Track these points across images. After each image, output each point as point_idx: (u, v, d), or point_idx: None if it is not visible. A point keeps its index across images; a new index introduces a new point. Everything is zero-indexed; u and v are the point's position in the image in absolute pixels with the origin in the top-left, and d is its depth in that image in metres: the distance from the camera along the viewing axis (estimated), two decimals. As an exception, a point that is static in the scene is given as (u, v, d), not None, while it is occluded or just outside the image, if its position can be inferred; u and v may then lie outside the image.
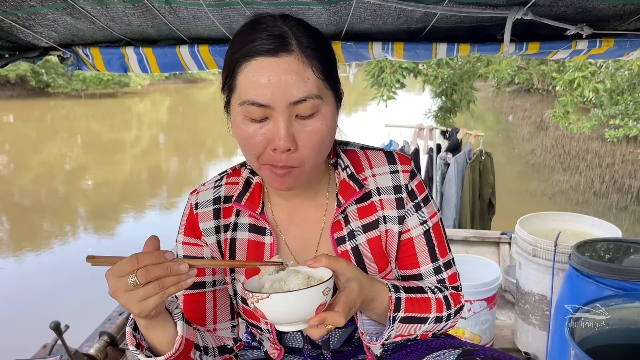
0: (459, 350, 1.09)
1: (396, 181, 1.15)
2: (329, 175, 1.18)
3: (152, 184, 11.18)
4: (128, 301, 0.84)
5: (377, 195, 1.14)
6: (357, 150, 1.20)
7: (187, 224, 1.16)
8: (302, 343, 1.19)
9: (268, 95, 0.91)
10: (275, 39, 0.92)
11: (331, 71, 1.00)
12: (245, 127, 0.96)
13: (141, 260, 0.82)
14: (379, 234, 1.14)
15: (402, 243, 1.17)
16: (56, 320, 2.09)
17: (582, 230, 2.73)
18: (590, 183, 8.88)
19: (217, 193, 1.16)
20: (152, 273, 0.82)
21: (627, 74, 6.71)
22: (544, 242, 2.45)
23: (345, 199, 1.11)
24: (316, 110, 0.95)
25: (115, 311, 2.66)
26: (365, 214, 1.14)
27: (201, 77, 35.25)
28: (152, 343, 0.95)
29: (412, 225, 1.16)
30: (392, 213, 1.14)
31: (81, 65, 2.03)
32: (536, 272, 2.53)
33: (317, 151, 0.98)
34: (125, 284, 0.83)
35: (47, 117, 20.73)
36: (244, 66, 0.93)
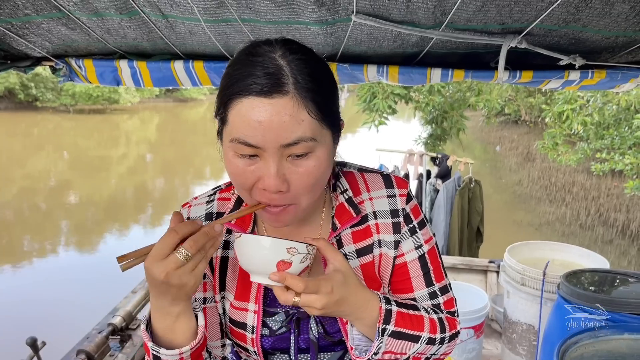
0: None
1: (393, 205, 1.12)
2: (324, 197, 1.14)
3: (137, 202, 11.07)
4: (183, 276, 0.85)
5: (374, 219, 1.11)
6: (355, 172, 1.17)
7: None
8: None
9: (258, 137, 0.87)
10: (270, 79, 0.87)
11: (329, 109, 0.94)
12: (235, 162, 0.92)
13: (180, 230, 0.85)
14: (372, 258, 1.11)
15: (395, 267, 1.13)
16: (33, 337, 2.03)
17: (570, 261, 2.73)
18: (576, 215, 8.96)
19: (209, 208, 1.13)
20: (199, 242, 0.85)
21: (614, 108, 6.84)
22: (533, 271, 2.44)
23: (342, 224, 1.08)
24: (310, 151, 0.91)
25: (94, 329, 2.59)
26: (359, 238, 1.11)
27: (191, 97, 35.33)
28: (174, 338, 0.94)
29: (406, 250, 1.13)
30: (388, 237, 1.11)
31: (73, 76, 2.01)
32: (524, 301, 2.52)
33: (310, 191, 0.95)
34: (175, 260, 0.84)
35: (34, 132, 20.55)
36: (236, 102, 0.88)
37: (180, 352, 0.92)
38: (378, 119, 6.29)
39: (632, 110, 6.92)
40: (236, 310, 1.10)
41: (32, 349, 2.01)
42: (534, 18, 1.41)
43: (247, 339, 1.09)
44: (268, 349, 1.11)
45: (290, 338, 1.10)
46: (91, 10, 1.48)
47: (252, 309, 1.09)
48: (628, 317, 1.99)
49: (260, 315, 1.08)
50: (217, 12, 1.46)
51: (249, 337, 1.09)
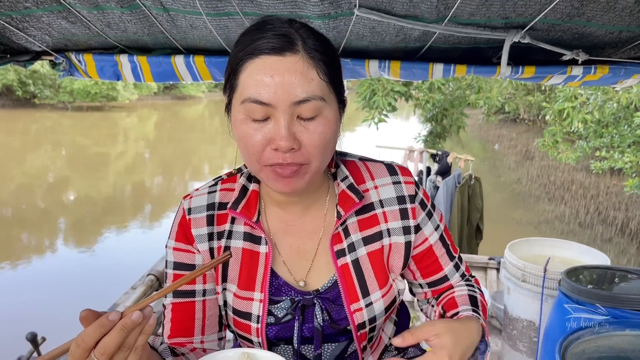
0: None
1: (399, 192, 1.14)
2: (327, 186, 1.15)
3: (135, 200, 11.05)
4: None
5: (380, 208, 1.13)
6: (357, 161, 1.19)
7: (179, 229, 1.12)
8: (293, 357, 1.15)
9: (270, 94, 0.89)
10: (281, 39, 0.91)
11: (336, 75, 0.98)
12: (245, 126, 0.93)
13: (88, 337, 0.74)
14: (380, 246, 1.12)
15: (422, 253, 1.17)
16: (33, 332, 2.02)
17: (571, 257, 2.72)
18: (575, 214, 8.96)
19: (211, 199, 1.13)
20: (109, 346, 0.75)
21: (615, 106, 6.83)
22: (534, 268, 2.43)
23: (345, 210, 1.09)
24: (318, 113, 0.93)
25: (94, 325, 2.58)
26: (366, 226, 1.12)
27: (190, 94, 35.29)
28: None
29: (428, 234, 1.17)
30: (396, 224, 1.13)
31: (73, 71, 2.00)
32: (525, 297, 2.51)
33: (321, 152, 0.96)
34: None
35: (32, 129, 20.50)
36: (247, 64, 0.91)
37: None
38: (378, 116, 6.29)
39: (632, 108, 6.91)
40: (240, 300, 1.09)
41: (32, 344, 2.00)
42: (537, 12, 1.41)
43: (251, 329, 1.09)
44: (272, 339, 1.10)
45: (295, 325, 1.09)
46: (92, 4, 1.47)
47: (257, 298, 1.08)
48: (629, 314, 1.99)
49: (266, 304, 1.08)
50: (218, 5, 1.45)
51: (254, 327, 1.08)
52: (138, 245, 7.59)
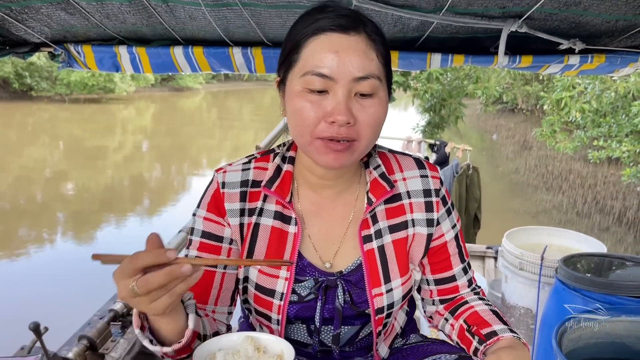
0: (455, 356, 1.09)
1: (426, 185, 1.18)
2: (359, 173, 1.19)
3: (133, 192, 11.05)
4: (138, 305, 0.81)
5: (407, 199, 1.17)
6: (387, 152, 1.23)
7: (212, 201, 1.14)
8: (307, 337, 1.17)
9: (333, 68, 0.94)
10: (346, 19, 0.97)
11: (388, 62, 1.04)
12: (302, 98, 0.97)
13: (140, 260, 0.78)
14: (405, 235, 1.15)
15: (436, 247, 1.21)
16: (36, 322, 2.03)
17: (568, 245, 2.75)
18: (572, 203, 9.00)
19: (245, 176, 1.15)
20: (151, 284, 0.77)
21: (612, 95, 6.85)
22: (531, 256, 2.46)
23: (376, 197, 1.12)
24: (375, 92, 0.98)
25: (95, 315, 2.60)
26: (393, 215, 1.15)
27: (187, 86, 35.17)
28: (158, 331, 0.92)
29: (445, 230, 1.20)
30: (420, 216, 1.17)
31: (72, 62, 2.00)
32: (522, 285, 2.54)
33: (373, 131, 1.01)
34: (129, 289, 0.79)
35: (29, 121, 20.44)
36: (311, 40, 0.97)
37: (163, 351, 0.91)
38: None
39: (629, 97, 6.92)
40: (266, 276, 1.11)
41: (35, 334, 2.01)
42: (534, 2, 1.41)
43: (273, 306, 1.10)
44: (292, 317, 1.13)
45: (317, 305, 1.11)
46: (91, -6, 1.47)
47: (283, 276, 1.10)
48: (625, 300, 2.01)
49: (291, 282, 1.10)
50: (218, -5, 1.46)
51: (276, 304, 1.10)
52: (138, 236, 7.61)
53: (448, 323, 1.23)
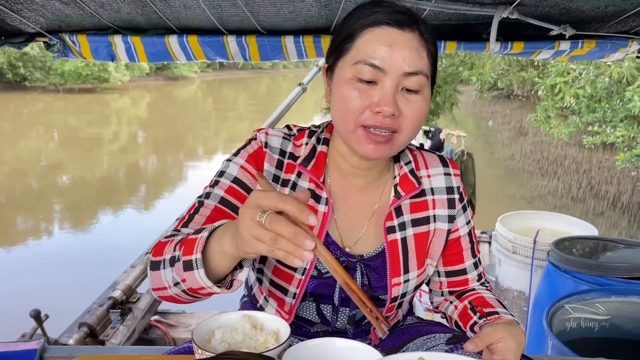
0: (449, 335, 1.13)
1: (449, 183, 1.23)
2: (389, 167, 1.22)
3: (130, 182, 11.04)
4: (245, 228, 0.77)
5: (431, 195, 1.21)
6: (414, 149, 1.26)
7: (253, 154, 1.15)
8: (315, 316, 1.20)
9: (385, 60, 0.97)
10: (402, 15, 1.00)
11: (436, 62, 1.08)
12: (350, 86, 1.00)
13: (287, 203, 0.76)
14: (427, 230, 1.20)
15: (450, 241, 1.25)
16: (36, 309, 2.07)
17: (560, 229, 2.79)
18: (567, 188, 9.05)
19: (284, 145, 1.17)
20: (279, 227, 0.74)
21: (606, 80, 6.87)
22: (524, 240, 2.50)
23: (406, 192, 1.16)
24: (421, 89, 1.01)
25: (94, 303, 2.63)
26: (416, 210, 1.19)
27: (182, 75, 34.97)
28: (211, 262, 0.88)
29: (460, 225, 1.25)
30: (443, 212, 1.21)
31: (67, 52, 2.01)
32: (515, 268, 2.58)
33: (415, 126, 1.04)
34: (254, 215, 0.76)
35: (23, 112, 20.32)
36: (367, 31, 1.00)
37: (209, 289, 0.89)
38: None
39: (623, 83, 6.94)
40: None
41: (36, 321, 2.05)
42: (525, -12, 1.43)
43: (293, 279, 1.13)
44: (308, 292, 1.16)
45: (336, 284, 1.14)
46: (86, -16, 1.48)
47: None
48: (615, 281, 2.06)
49: (315, 258, 1.12)
50: (211, -16, 1.47)
51: (297, 277, 1.13)
52: (134, 225, 7.63)
53: (452, 305, 1.27)
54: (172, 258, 0.91)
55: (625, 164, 7.07)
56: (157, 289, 0.98)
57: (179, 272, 0.89)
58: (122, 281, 2.78)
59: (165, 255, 0.94)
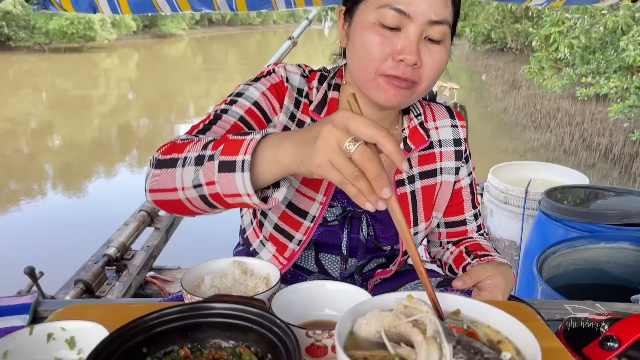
0: (440, 279, 1.15)
1: (456, 135, 1.22)
2: (397, 119, 1.20)
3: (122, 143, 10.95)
4: (325, 150, 0.67)
5: (439, 147, 1.20)
6: (421, 100, 1.24)
7: (275, 86, 1.10)
8: (313, 265, 1.20)
9: (412, 5, 0.94)
10: None
11: (458, 14, 1.06)
12: (372, 31, 0.97)
13: (381, 135, 0.65)
14: (434, 183, 1.19)
15: (453, 192, 1.25)
16: (30, 266, 2.07)
17: (552, 179, 2.80)
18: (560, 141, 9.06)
19: (302, 84, 1.14)
20: (367, 164, 0.65)
21: (601, 30, 6.77)
22: (515, 190, 2.51)
23: (415, 145, 1.15)
24: (443, 39, 0.99)
25: (90, 260, 2.65)
26: (424, 162, 1.19)
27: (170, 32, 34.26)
28: (257, 170, 0.78)
29: (462, 176, 1.25)
30: (450, 164, 1.21)
31: (47, 4, 1.94)
32: (507, 219, 2.61)
33: (434, 77, 1.02)
34: (342, 140, 0.66)
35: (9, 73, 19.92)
36: None
37: (246, 197, 0.79)
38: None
39: (618, 32, 6.86)
40: (301, 196, 1.12)
41: (31, 278, 2.06)
42: None
43: (301, 227, 1.12)
44: (312, 240, 1.16)
45: (343, 235, 1.14)
46: None
47: (319, 200, 1.11)
48: (605, 228, 2.08)
49: (325, 207, 1.12)
50: None
51: (306, 225, 1.12)
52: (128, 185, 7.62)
53: (448, 251, 1.28)
54: (200, 157, 0.82)
55: (618, 115, 7.07)
56: (160, 190, 0.89)
57: (210, 172, 0.79)
58: (116, 239, 2.79)
59: (187, 153, 0.85)
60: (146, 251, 2.81)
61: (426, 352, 0.51)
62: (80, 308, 0.83)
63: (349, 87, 1.12)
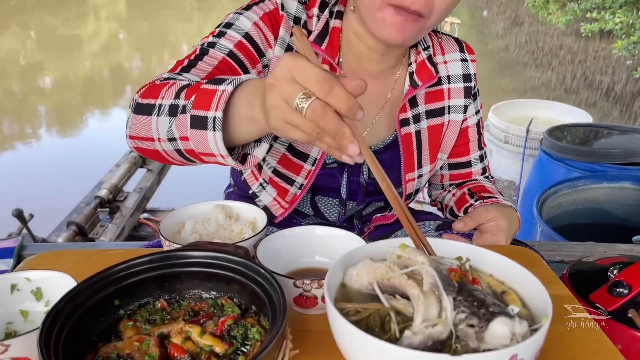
0: (439, 222, 1.10)
1: (466, 70, 1.13)
2: (404, 53, 1.11)
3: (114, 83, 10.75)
4: (275, 111, 0.60)
5: (447, 84, 1.11)
6: (430, 32, 1.12)
7: (269, 14, 1.01)
8: (309, 209, 1.15)
9: None
10: None
11: None
12: None
13: (328, 93, 0.56)
14: (441, 122, 1.12)
15: (460, 131, 1.18)
16: (18, 208, 2.03)
17: (554, 118, 2.73)
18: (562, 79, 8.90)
19: (299, 12, 1.04)
20: (322, 122, 0.57)
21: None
22: (517, 129, 2.45)
23: (423, 81, 1.06)
24: None
25: (82, 202, 2.61)
26: (431, 100, 1.10)
27: (161, -33, 32.95)
28: (231, 127, 0.70)
29: (469, 114, 1.17)
30: (458, 102, 1.12)
31: None
32: (506, 159, 2.55)
33: (443, 12, 0.93)
34: (292, 96, 0.57)
35: (-4, 10, 19.27)
36: None
37: (220, 158, 0.72)
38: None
39: (626, -36, 6.58)
40: None
41: (20, 220, 2.02)
42: None
43: (302, 170, 1.06)
44: (315, 184, 1.10)
45: (342, 176, 1.08)
46: None
47: None
48: (608, 167, 2.03)
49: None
50: None
51: (307, 168, 1.06)
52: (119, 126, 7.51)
53: (450, 193, 1.23)
54: (174, 107, 0.73)
55: (622, 52, 6.91)
56: (139, 138, 0.82)
57: (182, 127, 0.71)
58: (108, 180, 2.74)
59: (162, 100, 0.76)
60: (139, 193, 2.78)
61: (424, 306, 0.46)
62: (55, 255, 0.78)
63: (353, 17, 1.02)
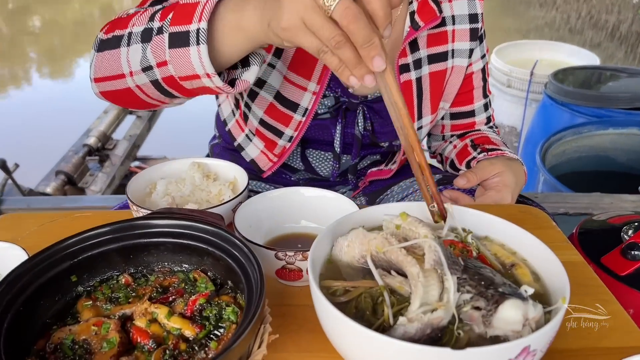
0: (438, 176, 1.03)
1: (472, 9, 1.01)
2: None
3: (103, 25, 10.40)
4: (295, 6, 0.53)
5: (452, 25, 1.00)
6: None
7: None
8: (299, 163, 1.07)
9: None
10: None
11: None
12: None
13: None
14: (444, 68, 1.01)
15: (464, 77, 1.07)
16: (2, 158, 1.96)
17: (560, 60, 2.61)
18: (566, 19, 8.61)
19: None
20: (352, 25, 0.51)
21: None
22: (520, 72, 2.34)
23: (425, 22, 0.94)
24: None
25: (70, 150, 2.54)
26: (434, 43, 0.99)
27: None
28: (217, 41, 0.63)
29: (475, 59, 1.06)
30: (463, 46, 1.01)
31: None
32: (508, 103, 2.46)
33: None
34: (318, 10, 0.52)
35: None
36: None
37: (206, 78, 0.64)
38: None
39: None
40: (291, 86, 0.95)
41: (4, 171, 1.95)
42: None
43: (292, 121, 0.97)
44: (305, 137, 1.02)
45: (336, 128, 0.99)
46: None
47: (311, 90, 0.95)
48: (615, 112, 1.94)
49: (319, 98, 0.95)
50: None
51: (297, 119, 0.97)
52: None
53: (451, 144, 1.14)
54: (147, 31, 0.66)
55: (630, -10, 6.64)
56: (105, 79, 0.74)
57: (159, 50, 0.64)
58: (96, 127, 2.66)
59: (132, 28, 0.69)
60: (129, 140, 2.69)
61: (423, 287, 0.39)
62: (17, 217, 0.72)
63: None
